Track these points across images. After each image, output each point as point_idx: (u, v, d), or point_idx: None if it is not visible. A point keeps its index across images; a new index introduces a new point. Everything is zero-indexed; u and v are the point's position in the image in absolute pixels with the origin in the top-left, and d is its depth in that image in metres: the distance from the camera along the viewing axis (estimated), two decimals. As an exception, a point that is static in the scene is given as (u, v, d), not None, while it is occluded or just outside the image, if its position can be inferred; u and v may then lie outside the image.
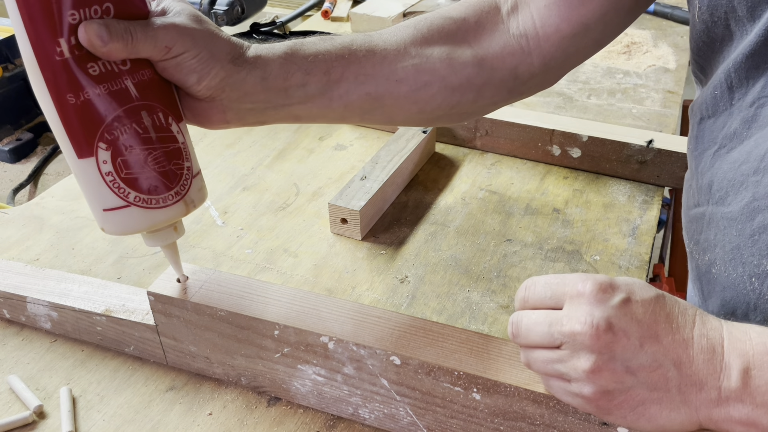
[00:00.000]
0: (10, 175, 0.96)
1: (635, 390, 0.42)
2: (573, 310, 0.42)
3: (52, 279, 0.65)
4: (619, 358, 0.41)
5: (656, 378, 0.41)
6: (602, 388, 0.42)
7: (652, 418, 0.42)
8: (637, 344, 0.41)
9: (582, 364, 0.42)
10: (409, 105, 0.58)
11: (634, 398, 0.42)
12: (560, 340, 0.42)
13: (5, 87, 1.00)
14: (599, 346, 0.41)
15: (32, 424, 0.56)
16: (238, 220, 0.80)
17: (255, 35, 1.01)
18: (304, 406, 0.58)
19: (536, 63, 0.59)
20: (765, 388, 0.40)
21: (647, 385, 0.42)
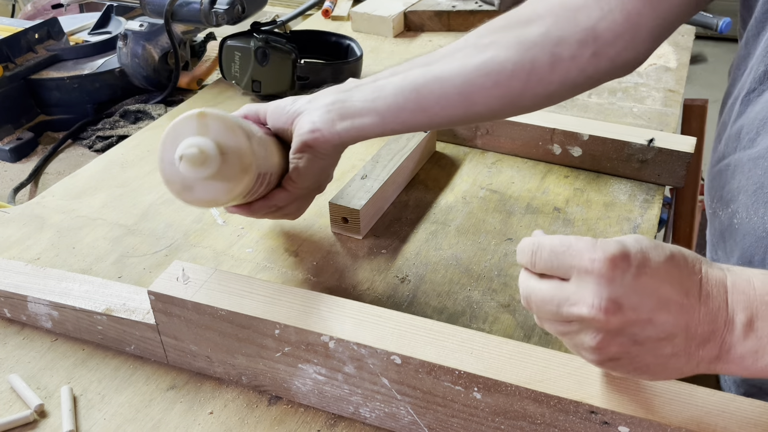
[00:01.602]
0: (10, 175, 0.96)
1: (641, 356, 0.42)
2: (581, 288, 0.41)
3: (53, 278, 0.65)
4: (628, 333, 0.41)
5: (663, 345, 0.42)
6: (608, 356, 0.42)
7: (654, 374, 0.43)
8: (646, 319, 0.41)
9: (589, 340, 0.42)
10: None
11: (639, 362, 0.42)
12: (569, 319, 0.43)
13: (6, 86, 1.00)
14: (607, 327, 0.41)
15: (33, 423, 0.56)
16: (238, 219, 0.80)
17: (255, 34, 1.01)
18: (304, 405, 0.58)
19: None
20: (765, 336, 0.41)
21: (653, 353, 0.42)
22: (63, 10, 1.44)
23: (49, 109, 1.06)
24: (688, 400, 0.46)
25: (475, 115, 0.62)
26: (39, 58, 1.06)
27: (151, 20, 1.06)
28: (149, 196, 0.85)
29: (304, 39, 1.14)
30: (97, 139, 1.02)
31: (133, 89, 1.11)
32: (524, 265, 0.45)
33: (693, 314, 0.41)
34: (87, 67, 1.07)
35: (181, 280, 0.58)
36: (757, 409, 0.46)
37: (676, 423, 0.45)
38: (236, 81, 1.04)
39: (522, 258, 0.46)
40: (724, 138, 0.59)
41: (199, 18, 1.01)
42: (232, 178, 0.54)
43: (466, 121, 0.64)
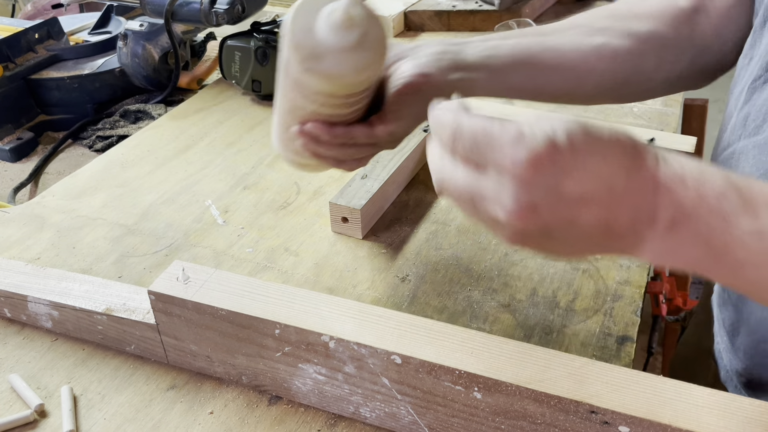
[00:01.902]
0: (10, 174, 0.96)
1: (555, 246, 0.41)
2: (499, 187, 0.38)
3: (53, 278, 0.65)
4: (544, 232, 0.39)
5: (580, 241, 0.40)
6: (518, 242, 0.41)
7: (563, 256, 0.43)
8: (566, 220, 0.39)
9: (503, 236, 0.41)
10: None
11: (552, 249, 0.41)
12: (484, 217, 0.40)
13: (6, 86, 1.00)
14: (523, 230, 0.39)
15: (33, 423, 0.56)
16: (238, 219, 0.80)
17: (255, 34, 1.01)
18: (305, 405, 0.58)
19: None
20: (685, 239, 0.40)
21: (569, 244, 0.41)
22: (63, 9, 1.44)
23: (50, 109, 1.06)
24: (688, 399, 0.46)
25: (582, 93, 0.65)
26: (39, 58, 1.06)
27: (151, 20, 1.06)
28: (149, 195, 0.85)
29: (304, 39, 1.14)
30: (97, 139, 1.02)
31: (133, 89, 1.11)
32: (441, 141, 0.42)
33: (612, 212, 0.39)
34: (87, 67, 1.07)
35: (181, 280, 0.58)
36: (757, 408, 0.46)
37: (677, 422, 0.45)
38: (236, 81, 1.04)
39: (440, 133, 0.41)
40: (729, 126, 0.60)
41: (199, 18, 1.01)
42: (367, 55, 0.52)
43: (569, 98, 0.68)
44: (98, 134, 1.02)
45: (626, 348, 0.62)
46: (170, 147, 0.95)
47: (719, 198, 0.39)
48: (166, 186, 0.87)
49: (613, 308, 0.66)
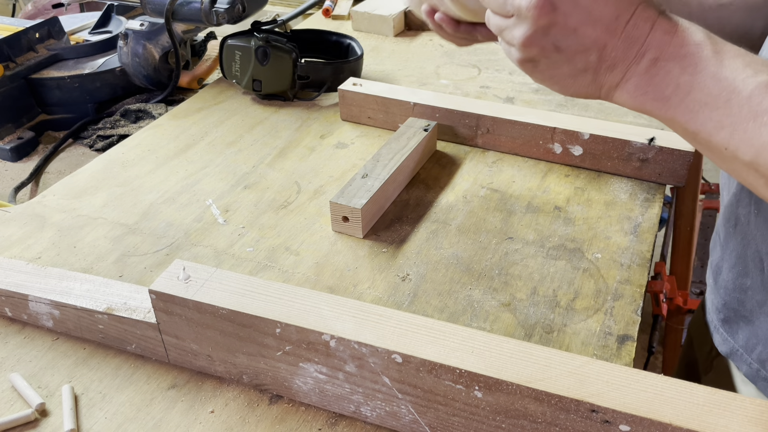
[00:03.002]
0: (11, 174, 0.96)
1: (557, 65, 0.50)
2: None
3: (54, 277, 0.65)
4: (552, 37, 0.48)
5: (578, 59, 0.49)
6: (529, 57, 0.50)
7: (564, 86, 0.51)
8: (572, 28, 0.47)
9: (518, 33, 0.49)
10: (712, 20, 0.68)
11: (554, 70, 0.50)
12: (511, 12, 0.49)
13: (6, 85, 1.00)
14: (537, 23, 0.48)
15: (34, 422, 0.56)
16: (239, 219, 0.80)
17: (256, 33, 1.01)
18: (305, 404, 0.58)
19: None
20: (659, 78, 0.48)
21: (568, 63, 0.49)
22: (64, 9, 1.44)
23: (50, 109, 1.06)
24: (689, 398, 0.46)
25: None
26: (40, 58, 1.06)
27: (151, 19, 1.06)
28: (150, 195, 0.85)
29: (304, 38, 1.14)
30: (97, 139, 1.02)
31: (133, 88, 1.11)
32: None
33: (612, 38, 0.48)
34: (88, 67, 1.07)
35: (182, 279, 0.58)
36: (758, 407, 0.46)
37: (677, 421, 0.45)
38: (237, 80, 1.04)
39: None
40: None
41: (199, 17, 1.01)
42: None
43: None
44: (99, 134, 1.02)
45: (627, 347, 0.62)
46: (171, 146, 0.95)
47: (697, 46, 0.47)
48: (166, 185, 0.87)
49: (614, 307, 0.66)
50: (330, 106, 1.04)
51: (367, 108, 0.98)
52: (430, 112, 0.93)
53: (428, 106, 0.93)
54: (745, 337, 0.67)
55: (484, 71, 1.15)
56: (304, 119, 1.01)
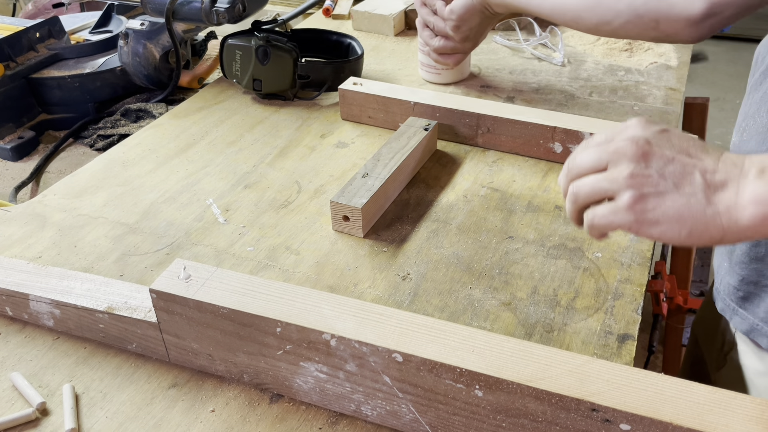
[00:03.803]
0: (12, 173, 0.96)
1: (667, 193, 0.49)
2: (620, 135, 0.51)
3: (55, 276, 0.65)
4: (654, 167, 0.49)
5: (685, 182, 0.49)
6: (639, 191, 0.49)
7: (682, 219, 0.49)
8: (670, 157, 0.50)
9: (622, 171, 0.50)
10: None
11: (666, 200, 0.49)
12: (606, 160, 0.51)
13: (7, 85, 1.00)
14: (638, 157, 0.50)
15: (35, 422, 0.56)
16: (240, 218, 0.80)
17: (256, 33, 1.01)
18: (306, 403, 0.58)
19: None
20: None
21: (677, 187, 0.49)
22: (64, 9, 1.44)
23: (51, 108, 1.06)
24: (689, 397, 0.46)
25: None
26: (40, 57, 1.06)
27: (152, 19, 1.06)
28: (150, 194, 0.85)
29: (305, 38, 1.14)
30: (98, 138, 1.02)
31: (134, 88, 1.11)
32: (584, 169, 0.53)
33: (709, 162, 0.49)
34: (88, 66, 1.07)
35: (182, 279, 0.58)
36: (758, 406, 0.46)
37: (678, 420, 0.45)
38: (237, 80, 1.04)
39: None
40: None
41: (200, 17, 1.01)
42: None
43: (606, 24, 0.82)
44: (99, 133, 1.02)
45: (627, 346, 0.62)
46: (171, 146, 0.95)
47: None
48: (167, 185, 0.87)
49: (614, 306, 0.66)
50: (330, 105, 1.04)
51: (367, 107, 0.98)
52: (430, 111, 0.93)
53: (428, 106, 0.93)
54: (767, 308, 0.69)
55: (484, 70, 1.15)
56: (305, 119, 1.01)
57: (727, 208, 0.48)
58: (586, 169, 0.52)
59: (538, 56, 1.19)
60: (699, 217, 0.48)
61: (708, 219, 0.48)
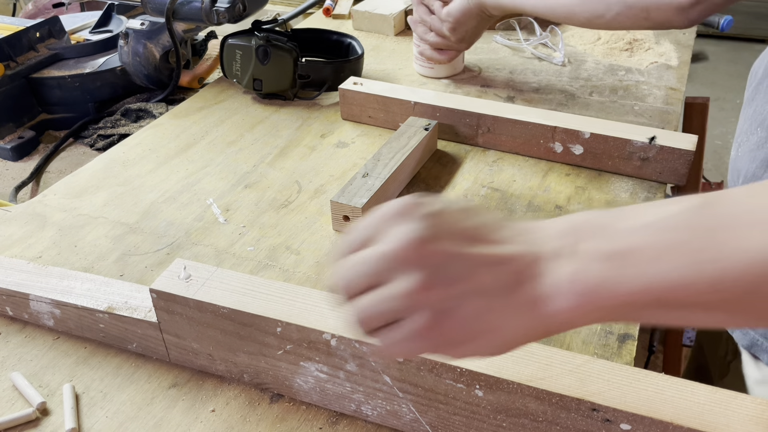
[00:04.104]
0: (12, 173, 0.96)
1: (462, 303, 0.38)
2: (386, 233, 0.39)
3: (55, 276, 0.65)
4: (442, 270, 0.38)
5: (481, 281, 0.38)
6: (435, 309, 0.38)
7: (492, 329, 0.38)
8: (453, 253, 0.38)
9: (401, 287, 0.38)
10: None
11: (463, 311, 0.38)
12: (377, 271, 0.38)
13: (7, 85, 1.00)
14: (414, 264, 0.38)
15: (35, 421, 0.56)
16: (240, 218, 0.80)
17: (256, 33, 1.01)
18: (306, 403, 0.58)
19: None
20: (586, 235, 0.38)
21: (478, 292, 0.38)
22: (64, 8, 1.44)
23: (51, 108, 1.06)
24: (690, 397, 0.46)
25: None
26: (40, 57, 1.06)
27: (152, 19, 1.06)
28: (151, 194, 0.85)
29: (305, 37, 1.14)
30: (98, 138, 1.02)
31: (134, 88, 1.11)
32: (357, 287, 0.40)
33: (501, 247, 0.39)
34: (88, 66, 1.07)
35: (182, 279, 0.58)
36: (758, 406, 0.46)
37: (678, 420, 0.45)
38: (237, 79, 1.04)
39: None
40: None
41: (200, 16, 1.01)
42: None
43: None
44: (99, 133, 1.02)
45: (627, 346, 0.62)
46: (171, 146, 0.95)
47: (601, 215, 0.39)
48: (167, 184, 0.87)
49: (615, 306, 0.66)
50: (330, 105, 1.04)
51: (367, 107, 0.98)
52: (430, 111, 0.93)
53: (429, 105, 0.93)
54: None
55: (484, 70, 1.15)
56: (305, 118, 1.01)
57: (539, 301, 0.38)
58: (360, 286, 0.39)
59: (539, 56, 1.19)
60: (510, 320, 0.38)
61: (519, 322, 0.38)
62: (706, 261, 0.34)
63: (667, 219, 0.37)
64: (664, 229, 0.36)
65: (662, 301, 0.36)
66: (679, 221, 0.36)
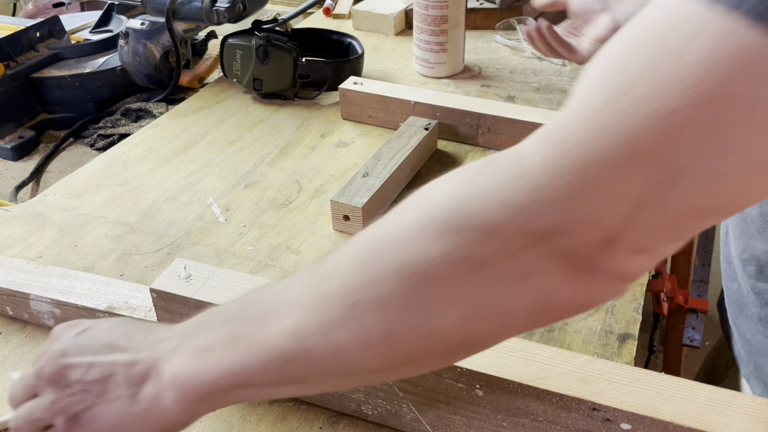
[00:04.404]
0: (12, 173, 0.96)
1: (94, 405, 0.43)
2: (44, 354, 0.46)
3: (55, 276, 0.65)
4: (75, 380, 0.43)
5: (109, 386, 0.43)
6: (68, 414, 0.43)
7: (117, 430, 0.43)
8: (90, 363, 0.44)
9: (48, 396, 0.44)
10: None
11: (95, 413, 0.43)
12: (34, 386, 0.45)
13: (7, 84, 1.00)
14: (56, 376, 0.44)
15: (35, 421, 0.56)
16: (240, 218, 0.80)
17: (257, 32, 1.01)
18: (306, 403, 0.58)
19: None
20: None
21: (102, 395, 0.43)
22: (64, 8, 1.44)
23: (51, 108, 1.06)
24: (690, 397, 0.46)
25: None
26: (40, 57, 1.06)
27: (152, 18, 1.06)
28: (151, 194, 0.85)
29: (305, 37, 1.14)
30: (98, 138, 1.02)
31: (134, 88, 1.11)
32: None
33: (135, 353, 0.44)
34: (88, 66, 1.07)
35: (183, 278, 0.58)
36: (759, 405, 0.46)
37: (678, 420, 0.45)
38: (237, 79, 1.04)
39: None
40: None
41: (200, 16, 1.01)
42: None
43: None
44: (99, 133, 1.02)
45: (628, 345, 0.62)
46: (171, 145, 0.95)
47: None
48: (167, 184, 0.87)
49: (615, 306, 0.66)
50: (331, 105, 1.04)
51: (367, 107, 0.98)
52: (430, 110, 0.93)
53: (429, 105, 0.93)
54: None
55: (484, 70, 1.15)
56: (305, 118, 1.01)
57: (154, 400, 0.42)
58: (20, 398, 0.46)
59: (539, 56, 1.19)
60: (130, 422, 0.42)
61: (140, 421, 0.42)
62: (254, 346, 0.40)
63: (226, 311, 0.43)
64: (229, 320, 0.42)
65: (240, 383, 0.40)
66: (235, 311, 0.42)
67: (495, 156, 0.35)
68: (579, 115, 0.31)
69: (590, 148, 0.30)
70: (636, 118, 0.29)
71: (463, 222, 0.33)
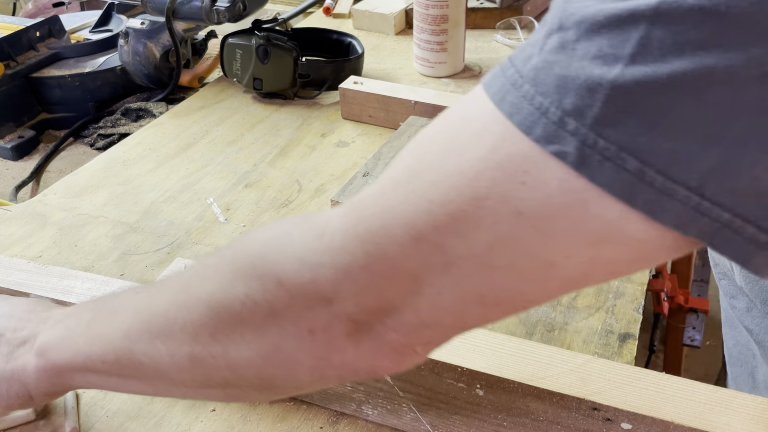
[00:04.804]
0: (12, 173, 0.96)
1: None
2: None
3: (55, 276, 0.65)
4: None
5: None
6: None
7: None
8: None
9: None
10: None
11: None
12: None
13: (7, 84, 1.00)
14: None
15: (35, 421, 0.56)
16: (240, 217, 0.80)
17: (257, 32, 1.01)
18: (307, 402, 0.58)
19: None
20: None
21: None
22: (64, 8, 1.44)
23: (51, 107, 1.06)
24: (690, 396, 0.46)
25: None
26: (40, 56, 1.06)
27: (152, 18, 1.06)
28: (151, 193, 0.85)
29: (305, 37, 1.14)
30: (98, 137, 1.02)
31: (134, 87, 1.11)
32: None
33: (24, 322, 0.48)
34: (88, 65, 1.07)
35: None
36: (759, 405, 0.46)
37: (679, 419, 0.45)
38: (238, 79, 1.04)
39: None
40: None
41: (200, 16, 1.01)
42: None
43: None
44: (99, 132, 1.02)
45: (628, 345, 0.62)
46: (171, 145, 0.95)
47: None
48: (167, 184, 0.87)
49: (615, 306, 0.66)
50: (331, 104, 1.04)
51: (368, 106, 0.98)
52: (431, 110, 0.93)
53: (429, 105, 0.93)
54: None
55: (485, 69, 1.15)
56: (305, 118, 1.01)
57: (23, 362, 0.46)
58: None
59: (539, 55, 1.19)
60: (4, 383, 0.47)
61: (7, 377, 0.47)
62: (97, 336, 0.43)
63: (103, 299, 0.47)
64: (98, 308, 0.45)
65: (87, 368, 0.44)
66: (106, 301, 0.46)
67: (312, 214, 0.37)
68: (377, 190, 0.33)
69: (378, 223, 0.32)
70: (420, 202, 0.31)
71: (265, 269, 0.36)
